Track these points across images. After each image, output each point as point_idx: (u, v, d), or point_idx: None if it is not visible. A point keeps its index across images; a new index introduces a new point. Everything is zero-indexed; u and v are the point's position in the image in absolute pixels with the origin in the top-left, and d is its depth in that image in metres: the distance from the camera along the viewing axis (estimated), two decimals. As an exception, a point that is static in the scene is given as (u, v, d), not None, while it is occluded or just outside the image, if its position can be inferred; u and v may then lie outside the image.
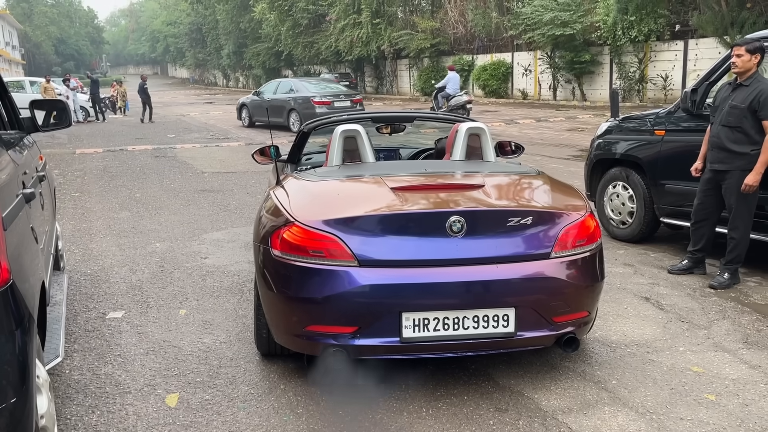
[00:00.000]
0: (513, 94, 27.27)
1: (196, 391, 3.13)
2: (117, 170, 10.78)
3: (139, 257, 5.53)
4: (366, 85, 38.50)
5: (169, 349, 3.63)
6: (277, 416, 2.90)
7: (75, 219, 7.10)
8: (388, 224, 2.88)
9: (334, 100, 17.04)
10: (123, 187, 9.10)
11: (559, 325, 2.96)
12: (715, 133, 4.46)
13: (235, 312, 4.19)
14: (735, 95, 4.36)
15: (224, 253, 5.60)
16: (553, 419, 2.84)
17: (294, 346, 3.07)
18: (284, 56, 43.66)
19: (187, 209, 7.54)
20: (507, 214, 2.94)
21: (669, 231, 5.94)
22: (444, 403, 2.99)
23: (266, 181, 7.36)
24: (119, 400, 3.06)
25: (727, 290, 4.45)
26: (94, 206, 7.81)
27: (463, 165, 3.74)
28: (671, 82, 19.97)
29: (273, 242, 2.99)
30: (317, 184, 3.38)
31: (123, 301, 4.44)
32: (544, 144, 13.00)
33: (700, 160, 4.68)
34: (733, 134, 4.35)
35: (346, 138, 3.79)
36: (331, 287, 2.80)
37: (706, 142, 4.60)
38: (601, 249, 3.16)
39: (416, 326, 2.81)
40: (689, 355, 3.46)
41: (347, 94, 18.02)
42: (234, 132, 17.64)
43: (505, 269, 2.86)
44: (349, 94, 18.06)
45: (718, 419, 2.83)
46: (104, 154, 13.06)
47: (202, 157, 12.45)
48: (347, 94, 17.94)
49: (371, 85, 38.28)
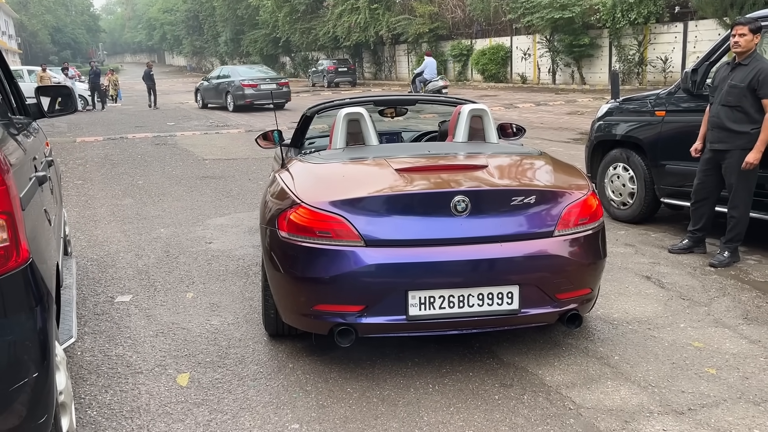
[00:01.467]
0: (512, 78, 27.20)
1: (206, 371, 3.18)
2: (118, 158, 10.79)
3: (144, 243, 5.57)
4: (365, 70, 38.36)
5: (178, 331, 3.68)
6: (287, 393, 2.96)
7: (79, 206, 7.14)
8: (394, 204, 2.92)
9: (261, 83, 20.44)
10: (125, 175, 9.13)
11: (562, 302, 3.01)
12: (715, 113, 4.49)
13: (242, 294, 4.24)
14: (734, 75, 4.38)
15: (228, 238, 5.64)
16: (557, 393, 2.90)
17: (302, 325, 3.12)
18: (282, 43, 43.44)
19: (190, 195, 7.57)
20: (510, 193, 2.98)
21: (669, 211, 5.99)
22: (450, 379, 3.05)
23: (267, 167, 7.39)
24: (131, 380, 3.12)
25: (727, 268, 4.50)
26: (97, 194, 7.84)
27: (466, 146, 3.77)
28: (671, 65, 19.93)
29: (280, 224, 3.03)
30: (322, 167, 3.41)
31: (130, 285, 4.49)
32: (543, 128, 13.02)
33: (699, 140, 4.72)
34: (733, 113, 4.38)
35: (350, 121, 3.82)
36: (338, 267, 2.84)
37: (706, 122, 4.63)
38: (603, 227, 3.20)
39: (422, 304, 2.86)
40: (690, 331, 3.52)
41: (273, 78, 21.55)
42: (234, 119, 17.64)
43: (509, 247, 2.90)
44: (274, 78, 21.50)
45: (718, 391, 2.89)
46: (105, 143, 13.06)
47: (203, 144, 12.46)
48: (273, 78, 21.42)
49: (370, 70, 38.14)
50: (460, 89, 26.70)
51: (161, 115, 19.59)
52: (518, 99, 20.20)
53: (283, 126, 7.62)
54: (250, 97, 20.15)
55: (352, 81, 33.99)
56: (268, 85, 20.34)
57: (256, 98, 20.23)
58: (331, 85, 33.04)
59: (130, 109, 22.48)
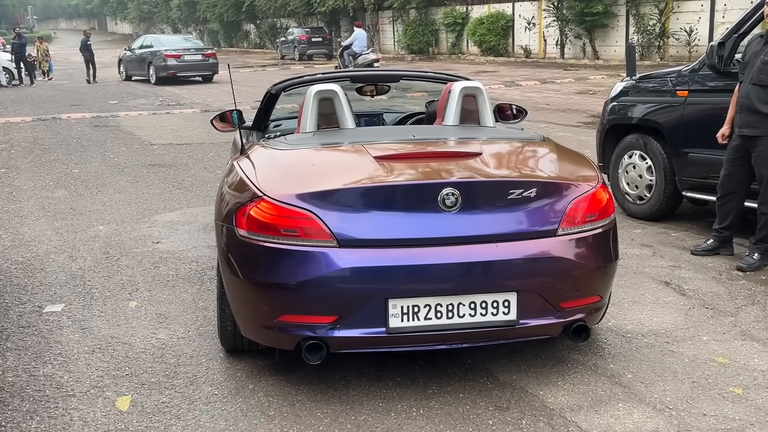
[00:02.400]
0: (514, 51, 27.30)
1: (151, 393, 3.17)
2: (50, 142, 10.71)
3: (80, 242, 5.53)
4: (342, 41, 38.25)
5: (119, 347, 3.66)
6: (246, 419, 2.95)
7: (1, 199, 7.06)
8: (372, 198, 2.92)
9: (185, 53, 22.03)
10: (58, 162, 9.06)
11: (567, 312, 3.03)
12: (745, 94, 4.54)
13: (195, 303, 4.22)
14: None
15: (180, 237, 5.62)
16: (560, 418, 2.92)
17: (264, 339, 3.11)
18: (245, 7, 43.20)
19: (135, 187, 7.53)
20: (508, 185, 2.99)
21: (692, 207, 6.05)
22: (437, 401, 3.06)
23: (227, 153, 7.35)
24: (62, 404, 3.09)
25: (756, 272, 4.56)
26: (23, 184, 7.78)
27: (458, 130, 3.78)
28: (696, 37, 20.13)
29: (238, 221, 3.02)
30: (289, 153, 3.40)
31: (62, 293, 4.45)
32: (550, 109, 13.10)
33: (727, 124, 4.77)
34: (766, 94, 4.43)
35: (322, 100, 3.81)
36: (306, 271, 2.84)
37: (734, 104, 4.69)
38: (614, 225, 3.23)
39: (405, 315, 2.86)
40: (714, 345, 3.57)
41: (198, 48, 23.36)
42: (187, 97, 17.53)
43: (506, 248, 2.91)
44: (200, 49, 23.35)
45: (745, 414, 2.92)
46: (34, 124, 12.94)
47: (151, 126, 12.38)
48: (198, 48, 23.25)
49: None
50: (453, 64, 26.78)
51: (102, 92, 19.41)
52: (521, 76, 20.29)
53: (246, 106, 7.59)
54: (173, 69, 21.39)
55: (327, 53, 33.90)
56: (192, 56, 22.03)
57: (179, 70, 21.58)
58: (303, 57, 32.95)
59: (65, 85, 22.22)
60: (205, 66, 22.10)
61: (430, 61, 29.71)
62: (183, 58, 21.72)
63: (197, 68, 22.07)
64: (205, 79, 22.26)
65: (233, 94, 4.03)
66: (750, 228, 4.81)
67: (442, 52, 31.10)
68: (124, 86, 21.40)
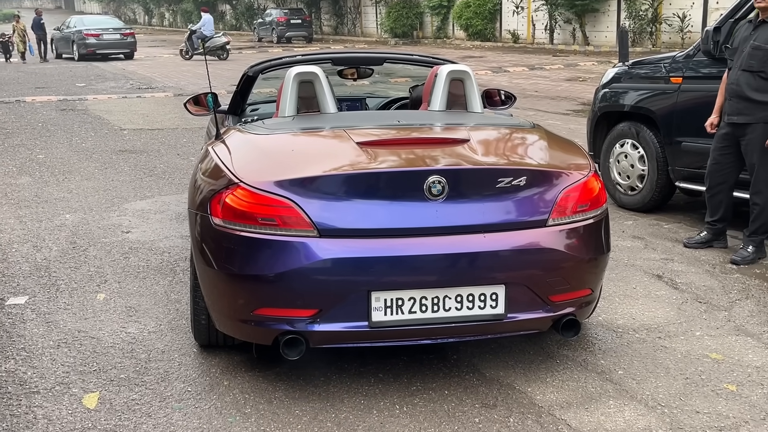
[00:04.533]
0: (501, 36, 27.33)
1: (120, 390, 3.13)
2: (13, 126, 10.61)
3: (45, 232, 5.47)
4: (323, 23, 38.12)
5: (86, 341, 3.62)
6: (220, 417, 2.92)
7: (-39, 186, 6.96)
8: (355, 186, 2.90)
9: (104, 33, 25.15)
10: (21, 147, 8.98)
11: (556, 306, 3.03)
12: (734, 80, 4.57)
13: (166, 296, 4.19)
14: (758, 34, 4.47)
15: (151, 227, 5.57)
16: (549, 415, 2.93)
17: (240, 334, 3.09)
18: (221, -13, 42.85)
19: (104, 174, 7.47)
20: (496, 173, 2.98)
21: (685, 198, 6.10)
22: (421, 398, 3.06)
23: (201, 139, 7.30)
24: (25, 401, 3.05)
25: (751, 266, 4.60)
26: (-15, 170, 7.68)
27: (444, 116, 3.76)
28: (689, 23, 20.26)
29: (213, 209, 2.99)
30: (267, 138, 3.37)
31: (26, 285, 4.40)
32: (538, 96, 13.14)
33: (715, 113, 4.81)
34: (755, 80, 4.47)
35: (302, 83, 3.78)
36: (285, 262, 2.82)
37: (722, 91, 4.72)
38: (606, 215, 3.23)
39: (388, 308, 2.85)
40: (707, 341, 3.59)
41: (116, 27, 26.28)
42: (159, 80, 17.39)
43: (494, 239, 2.91)
44: (118, 28, 26.21)
45: (739, 412, 2.95)
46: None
47: (121, 110, 12.29)
48: (116, 28, 26.12)
49: (329, 24, 37.90)
50: (438, 48, 26.78)
51: (69, 74, 19.20)
52: (508, 61, 20.33)
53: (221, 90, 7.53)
54: (93, 47, 24.61)
55: (307, 36, 33.75)
56: (111, 35, 25.27)
57: (99, 47, 24.79)
58: (281, 40, 32.78)
59: (29, 67, 21.96)
60: (124, 44, 25.34)
61: (414, 45, 29.67)
62: (102, 37, 24.96)
63: (116, 47, 25.24)
64: (126, 56, 25.29)
65: (208, 77, 3.98)
66: (743, 220, 4.84)
67: (427, 36, 31.06)
68: (92, 68, 21.22)
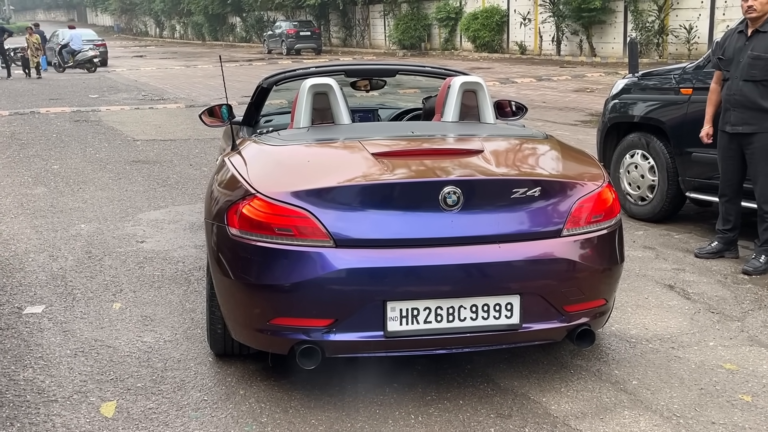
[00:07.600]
0: (509, 47, 27.37)
1: (137, 399, 3.13)
2: (28, 137, 10.65)
3: (61, 241, 5.48)
4: (332, 35, 38.25)
5: (102, 350, 3.62)
6: (237, 426, 2.92)
7: (-22, 196, 6.99)
8: (370, 197, 2.90)
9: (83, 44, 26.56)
10: (36, 158, 9.00)
11: (571, 316, 3.02)
12: (737, 90, 4.57)
13: (182, 305, 4.19)
14: (754, 44, 4.47)
15: (165, 236, 5.57)
16: (564, 426, 2.91)
17: (256, 343, 3.08)
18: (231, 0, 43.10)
19: (118, 184, 7.48)
20: (511, 184, 2.98)
21: (696, 208, 6.07)
22: (436, 408, 3.04)
23: (214, 150, 7.32)
24: (43, 410, 3.05)
25: (763, 276, 4.57)
26: (1, 180, 7.72)
27: (458, 127, 3.77)
28: (696, 35, 20.24)
29: (230, 219, 2.99)
30: (282, 149, 3.38)
31: (43, 294, 4.40)
32: (546, 107, 13.13)
33: (708, 123, 4.81)
34: (759, 89, 4.46)
35: (316, 94, 3.79)
36: (301, 272, 2.81)
37: (712, 102, 4.77)
38: (620, 226, 3.22)
39: (403, 318, 2.84)
40: (721, 351, 3.57)
41: (90, 39, 28.17)
42: (171, 91, 17.47)
43: (509, 249, 2.90)
44: (91, 39, 28.12)
45: (755, 422, 2.92)
46: (11, 118, 12.86)
47: (133, 121, 12.33)
48: (90, 39, 27.99)
49: (338, 35, 38.03)
50: (446, 60, 26.81)
51: (82, 86, 19.32)
52: (516, 73, 20.33)
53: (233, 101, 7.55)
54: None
55: (316, 48, 33.86)
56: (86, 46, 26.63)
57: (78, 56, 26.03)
58: (291, 52, 32.89)
59: (43, 78, 22.10)
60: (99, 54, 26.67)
61: (422, 56, 29.73)
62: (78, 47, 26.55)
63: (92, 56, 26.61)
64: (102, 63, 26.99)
65: (225, 88, 4.00)
66: (753, 230, 4.82)
67: (435, 47, 31.13)
68: (105, 80, 21.31)
